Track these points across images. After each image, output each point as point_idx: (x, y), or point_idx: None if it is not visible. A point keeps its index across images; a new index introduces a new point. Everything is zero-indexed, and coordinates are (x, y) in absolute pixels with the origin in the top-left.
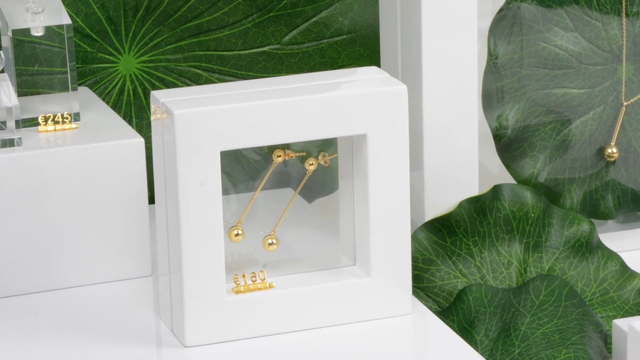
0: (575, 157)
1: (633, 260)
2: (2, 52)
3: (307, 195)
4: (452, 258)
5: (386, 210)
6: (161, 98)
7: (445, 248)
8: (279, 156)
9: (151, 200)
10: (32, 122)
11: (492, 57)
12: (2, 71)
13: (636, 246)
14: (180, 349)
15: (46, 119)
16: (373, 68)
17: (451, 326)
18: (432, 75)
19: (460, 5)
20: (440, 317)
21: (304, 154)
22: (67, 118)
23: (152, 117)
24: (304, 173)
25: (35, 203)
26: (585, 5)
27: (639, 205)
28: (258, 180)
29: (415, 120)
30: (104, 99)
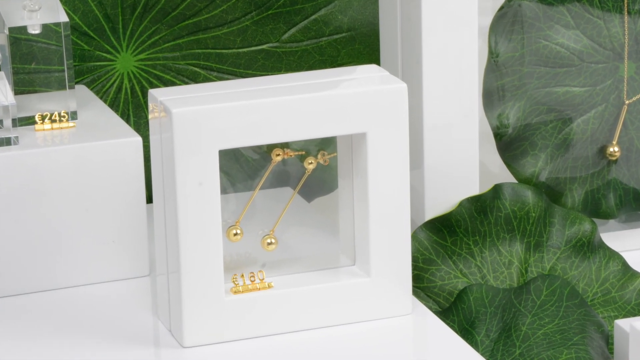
0: (576, 156)
1: (635, 260)
2: None
3: (307, 194)
4: (453, 258)
5: (386, 209)
6: (159, 96)
7: (446, 248)
8: (278, 155)
9: (149, 199)
10: (29, 121)
11: (493, 55)
12: None
13: (638, 246)
14: (178, 350)
15: (43, 118)
16: (373, 66)
17: (451, 326)
18: (432, 73)
19: (461, 3)
20: (440, 318)
21: (303, 152)
22: (64, 117)
23: (149, 116)
24: (303, 172)
25: (32, 202)
26: (587, 2)
27: None
28: (257, 179)
29: (415, 118)
30: (101, 98)
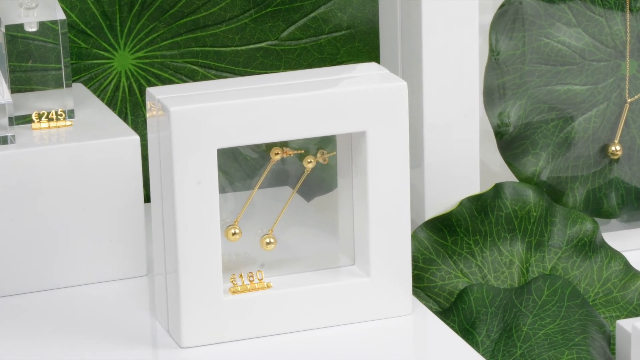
0: (578, 154)
1: (637, 259)
2: None
3: (306, 193)
4: (453, 257)
5: (386, 208)
6: (157, 95)
7: (446, 247)
8: (277, 154)
9: (147, 198)
10: (26, 120)
11: (494, 53)
12: None
13: None
14: (176, 350)
15: (40, 116)
16: (372, 64)
17: (452, 327)
18: (432, 71)
19: (461, 1)
20: (440, 318)
21: (302, 151)
22: (61, 115)
23: (147, 114)
24: (302, 171)
25: (29, 202)
26: (589, 0)
27: None
28: (255, 178)
29: (415, 117)
30: (98, 96)
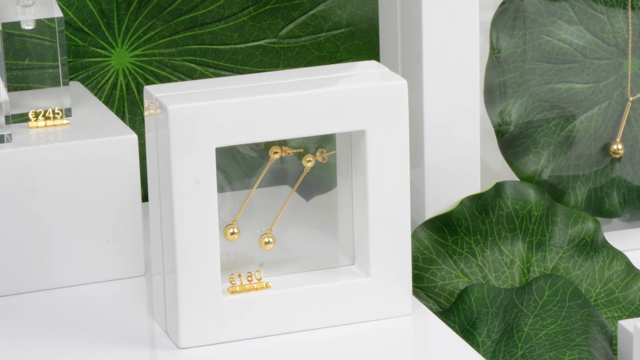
0: (579, 153)
1: (639, 259)
2: None
3: (305, 192)
4: (454, 257)
5: (386, 208)
6: (155, 93)
7: (447, 247)
8: (276, 153)
9: (144, 198)
10: (22, 118)
11: (495, 51)
12: None
13: None
14: (174, 351)
15: (37, 115)
16: (372, 62)
17: (452, 327)
18: (432, 69)
19: None
20: (441, 318)
21: (302, 150)
22: (58, 114)
23: (145, 113)
24: (301, 170)
25: (25, 201)
26: None
27: None
28: (254, 177)
29: (415, 115)
30: (96, 94)
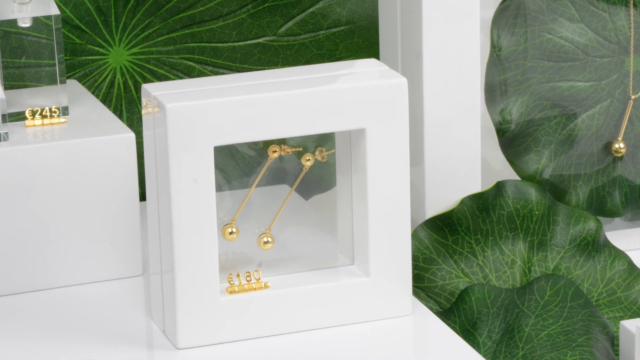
0: (581, 152)
1: None
2: None
3: (304, 192)
4: (454, 257)
5: (385, 207)
6: (153, 91)
7: (447, 247)
8: (275, 151)
9: (142, 197)
10: (19, 117)
11: (495, 48)
12: None
13: None
14: (172, 351)
15: (34, 113)
16: (372, 60)
17: (453, 327)
18: (433, 67)
19: None
20: (441, 318)
21: (301, 149)
22: (55, 112)
23: (143, 111)
24: (300, 169)
25: (22, 200)
26: None
27: None
28: (253, 176)
29: (415, 114)
30: (93, 93)
